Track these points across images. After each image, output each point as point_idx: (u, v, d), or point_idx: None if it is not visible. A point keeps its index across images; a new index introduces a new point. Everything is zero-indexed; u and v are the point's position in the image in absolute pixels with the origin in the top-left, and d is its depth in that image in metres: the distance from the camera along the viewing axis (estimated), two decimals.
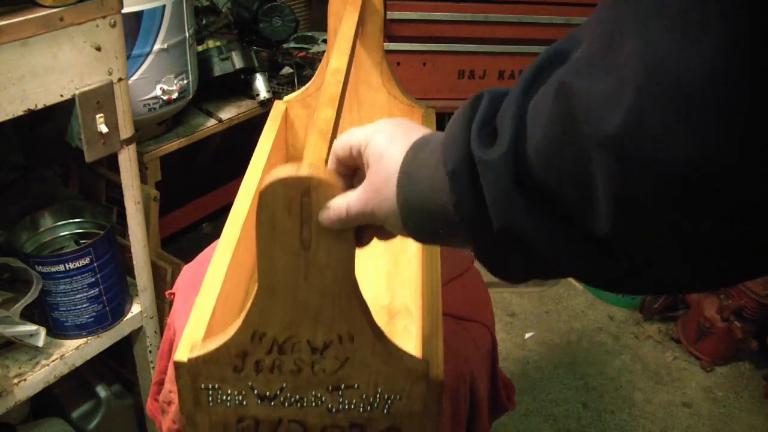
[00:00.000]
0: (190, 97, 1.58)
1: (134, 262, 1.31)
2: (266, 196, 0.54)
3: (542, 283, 2.45)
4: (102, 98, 1.11)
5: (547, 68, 0.41)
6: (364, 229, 0.57)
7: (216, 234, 1.33)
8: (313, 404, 0.69)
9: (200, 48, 1.75)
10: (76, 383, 1.49)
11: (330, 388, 0.68)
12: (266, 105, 1.77)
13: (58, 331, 1.26)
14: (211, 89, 1.74)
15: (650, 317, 2.31)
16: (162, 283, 1.47)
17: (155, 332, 1.41)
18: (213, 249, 1.09)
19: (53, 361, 1.23)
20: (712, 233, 0.34)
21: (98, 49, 1.08)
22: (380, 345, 0.64)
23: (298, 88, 1.80)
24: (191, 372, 0.68)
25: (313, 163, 0.56)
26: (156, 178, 1.58)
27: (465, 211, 0.44)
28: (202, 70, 1.66)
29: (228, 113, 1.73)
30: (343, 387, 0.68)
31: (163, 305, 1.43)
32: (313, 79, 1.14)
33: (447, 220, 0.46)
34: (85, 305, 1.24)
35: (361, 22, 1.00)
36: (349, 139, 0.54)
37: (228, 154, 1.98)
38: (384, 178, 0.50)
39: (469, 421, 0.94)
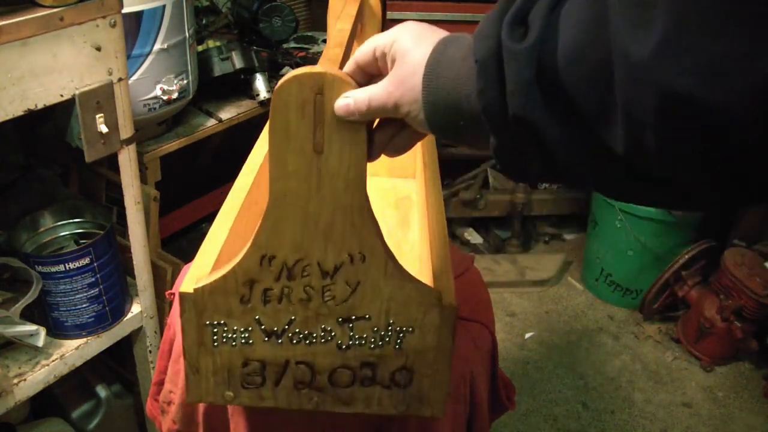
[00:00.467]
0: (190, 97, 1.58)
1: (134, 262, 1.31)
2: (280, 95, 0.54)
3: (542, 283, 2.45)
4: (102, 98, 1.11)
5: None
6: (375, 135, 0.57)
7: None
8: (322, 340, 0.67)
9: (200, 48, 1.75)
10: (76, 383, 1.49)
11: (340, 320, 0.66)
12: (266, 105, 1.77)
13: (58, 331, 1.26)
14: (211, 89, 1.74)
15: (650, 317, 2.31)
16: (162, 283, 1.47)
17: (155, 332, 1.41)
18: None
19: (53, 361, 1.23)
20: (725, 155, 0.35)
21: (98, 49, 1.08)
22: (392, 266, 0.63)
23: None
24: (197, 304, 0.65)
25: (326, 64, 0.56)
26: (156, 178, 1.58)
27: (488, 99, 0.44)
28: (202, 70, 1.66)
29: (228, 113, 1.73)
30: (353, 318, 0.66)
31: (163, 305, 1.43)
32: None
33: (470, 111, 0.47)
34: (85, 305, 1.24)
35: (359, 22, 0.99)
36: (373, 41, 0.54)
37: (228, 154, 1.97)
38: (410, 70, 0.50)
39: (469, 421, 0.94)
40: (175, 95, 1.48)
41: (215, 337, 0.67)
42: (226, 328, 0.66)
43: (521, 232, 2.64)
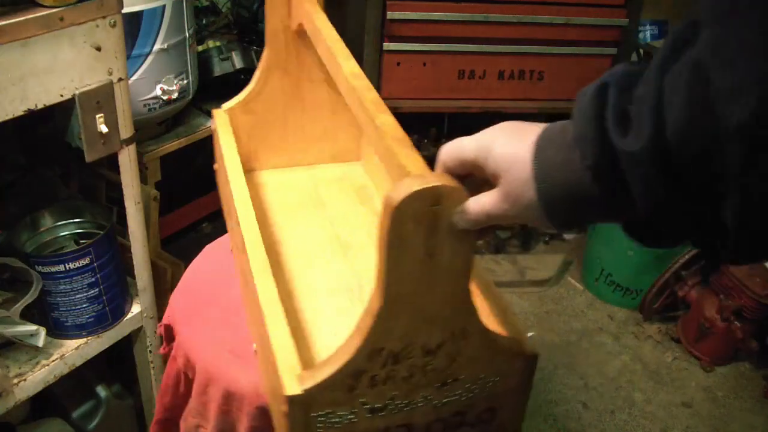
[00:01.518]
0: (190, 97, 1.58)
1: (134, 262, 1.31)
2: (400, 210, 0.55)
3: (542, 283, 2.45)
4: (102, 98, 1.11)
5: (680, 48, 0.42)
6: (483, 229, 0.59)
7: (216, 234, 1.33)
8: (420, 404, 0.69)
9: (200, 48, 1.75)
10: (76, 383, 1.48)
11: (438, 385, 0.68)
12: None
13: (58, 331, 1.26)
14: (211, 89, 1.74)
15: (650, 317, 2.31)
16: (162, 283, 1.47)
17: (155, 332, 1.41)
18: (201, 272, 1.06)
19: (53, 361, 1.23)
20: None
21: (98, 49, 1.08)
22: (486, 332, 0.66)
23: None
24: (305, 404, 0.66)
25: (437, 173, 0.58)
26: (156, 178, 1.58)
27: (614, 202, 0.47)
28: (202, 70, 1.65)
29: None
30: (450, 381, 0.68)
31: (163, 305, 1.43)
32: (252, 84, 1.08)
33: (592, 209, 0.49)
34: (85, 305, 1.24)
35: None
36: (461, 153, 0.56)
37: None
38: (520, 186, 0.52)
39: None
40: (175, 95, 1.48)
41: (320, 425, 0.68)
42: (332, 415, 0.67)
43: (521, 232, 2.64)
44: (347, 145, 1.18)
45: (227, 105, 1.08)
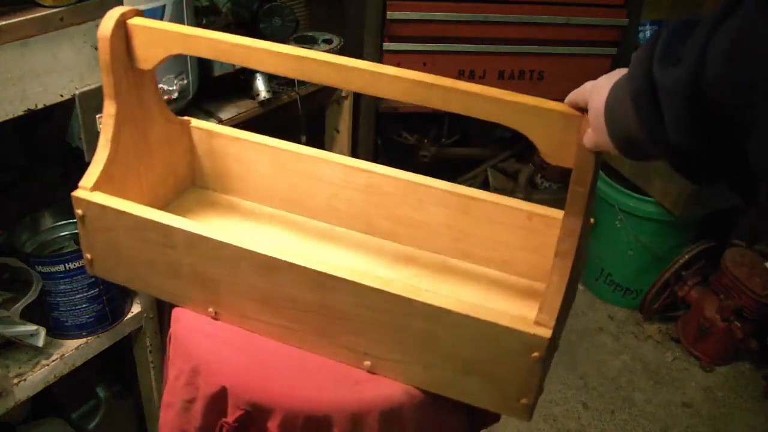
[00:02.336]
0: (190, 97, 1.58)
1: None
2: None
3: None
4: (102, 98, 1.11)
5: (731, 11, 0.48)
6: None
7: None
8: None
9: None
10: (76, 383, 1.48)
11: None
12: (266, 105, 1.77)
13: (58, 331, 1.26)
14: (211, 89, 1.74)
15: (650, 317, 2.31)
16: None
17: (155, 332, 1.41)
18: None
19: (53, 361, 1.23)
20: None
21: (98, 49, 1.08)
22: None
23: (298, 88, 1.81)
24: (552, 341, 0.73)
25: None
26: None
27: (650, 132, 0.54)
28: (202, 70, 1.65)
29: (228, 113, 1.73)
30: None
31: (163, 305, 1.43)
32: (105, 151, 0.95)
33: (642, 140, 0.57)
34: (85, 305, 1.24)
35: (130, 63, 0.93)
36: (581, 89, 0.69)
37: None
38: (595, 116, 0.64)
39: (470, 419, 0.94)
40: (175, 95, 1.48)
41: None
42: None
43: None
44: (185, 171, 1.12)
45: (87, 184, 0.92)
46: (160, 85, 1.45)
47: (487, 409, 0.82)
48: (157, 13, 1.37)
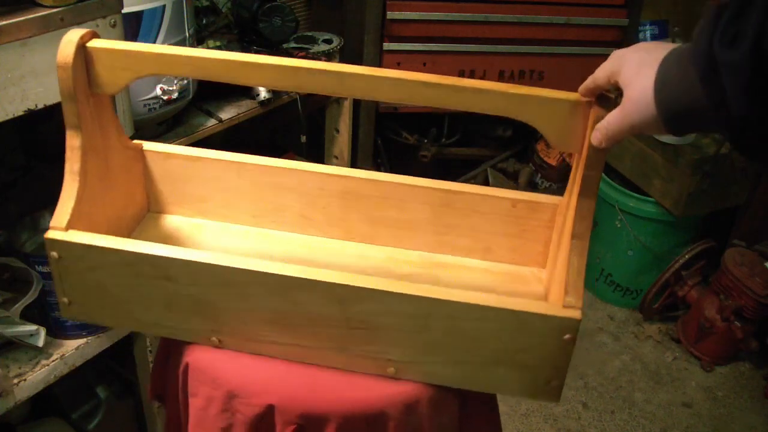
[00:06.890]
0: (190, 97, 1.58)
1: None
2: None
3: None
4: None
5: None
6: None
7: None
8: None
9: (200, 48, 1.75)
10: (76, 383, 1.49)
11: None
12: (266, 105, 1.77)
13: (58, 331, 1.26)
14: (211, 89, 1.74)
15: (650, 317, 2.31)
16: None
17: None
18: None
19: (53, 361, 1.23)
20: None
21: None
22: None
23: None
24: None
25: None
26: None
27: (716, 108, 0.55)
28: None
29: (228, 113, 1.73)
30: None
31: None
32: (74, 188, 0.95)
33: (703, 112, 0.57)
34: None
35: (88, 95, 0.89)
36: (605, 64, 0.69)
37: None
38: (640, 91, 0.63)
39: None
40: (175, 95, 1.48)
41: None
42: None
43: None
44: (142, 198, 1.06)
45: (60, 224, 0.88)
46: (160, 85, 1.45)
47: (517, 396, 0.84)
48: (157, 13, 1.37)
